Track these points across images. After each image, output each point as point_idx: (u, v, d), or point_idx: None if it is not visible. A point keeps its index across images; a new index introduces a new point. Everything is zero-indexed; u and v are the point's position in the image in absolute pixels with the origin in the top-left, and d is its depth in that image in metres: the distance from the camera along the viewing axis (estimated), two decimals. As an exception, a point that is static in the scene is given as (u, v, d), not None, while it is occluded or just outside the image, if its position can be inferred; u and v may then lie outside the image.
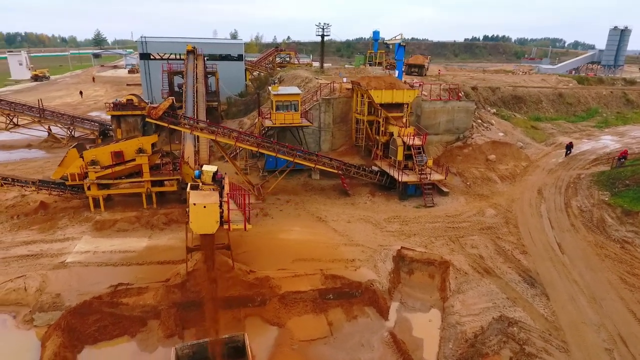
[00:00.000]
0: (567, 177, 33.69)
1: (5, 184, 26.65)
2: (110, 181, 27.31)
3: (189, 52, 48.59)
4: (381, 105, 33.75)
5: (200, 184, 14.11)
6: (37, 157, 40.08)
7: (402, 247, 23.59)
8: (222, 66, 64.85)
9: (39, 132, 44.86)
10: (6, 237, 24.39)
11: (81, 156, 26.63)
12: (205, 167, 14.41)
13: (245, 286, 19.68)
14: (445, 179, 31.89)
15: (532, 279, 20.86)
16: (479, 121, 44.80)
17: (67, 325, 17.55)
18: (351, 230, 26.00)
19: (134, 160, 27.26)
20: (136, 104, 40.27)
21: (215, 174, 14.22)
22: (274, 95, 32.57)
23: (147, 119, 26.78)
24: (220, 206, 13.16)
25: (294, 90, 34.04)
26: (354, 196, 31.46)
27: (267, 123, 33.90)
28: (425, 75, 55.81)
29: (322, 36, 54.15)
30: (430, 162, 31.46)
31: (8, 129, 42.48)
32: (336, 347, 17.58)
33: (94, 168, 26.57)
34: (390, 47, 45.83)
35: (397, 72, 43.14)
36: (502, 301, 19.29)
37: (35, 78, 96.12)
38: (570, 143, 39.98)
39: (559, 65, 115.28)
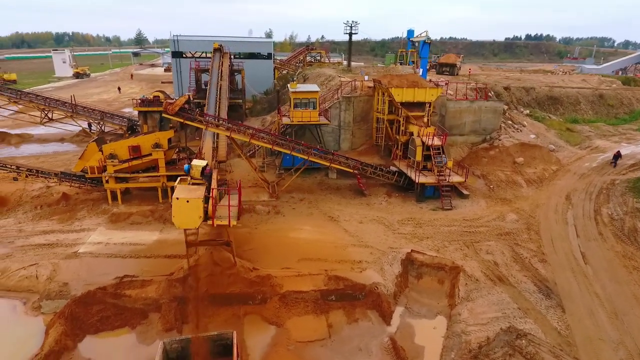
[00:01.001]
0: (600, 183, 31.63)
1: (29, 175, 27.77)
2: (128, 175, 27.92)
3: (215, 50, 49.18)
4: (402, 104, 32.87)
5: (189, 179, 14.06)
6: (68, 150, 41.68)
7: (412, 250, 22.78)
8: (251, 64, 65.63)
9: (72, 127, 46.67)
10: (27, 226, 25.40)
11: (100, 150, 27.35)
12: (194, 162, 14.31)
13: (246, 283, 19.52)
14: (466, 181, 30.63)
15: (549, 290, 19.59)
16: (510, 122, 42.95)
17: (71, 313, 17.96)
18: (362, 231, 25.40)
19: (150, 154, 27.76)
20: (162, 101, 41.22)
21: (204, 168, 14.09)
22: (292, 92, 32.36)
23: (163, 115, 27.15)
24: (207, 201, 13.02)
25: (312, 87, 33.72)
26: (369, 196, 30.78)
27: (285, 121, 33.76)
28: (457, 74, 54.16)
29: (350, 34, 53.66)
30: (450, 164, 30.30)
31: (42, 123, 44.43)
32: (333, 350, 17.11)
33: (112, 162, 27.24)
34: (416, 44, 44.60)
35: (421, 70, 41.92)
36: (512, 311, 18.20)
37: (77, 75, 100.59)
38: (618, 152, 35.67)
39: (604, 65, 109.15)
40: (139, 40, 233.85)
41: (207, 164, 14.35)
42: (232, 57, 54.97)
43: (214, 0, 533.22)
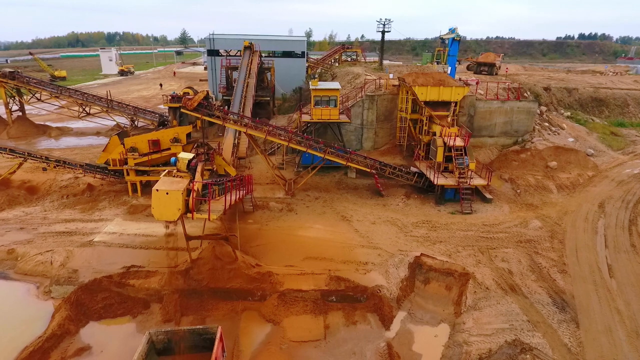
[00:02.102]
0: (640, 191, 29.33)
1: (57, 166, 29.08)
2: (147, 168, 28.66)
3: (245, 48, 49.89)
4: (426, 102, 31.84)
5: (175, 171, 14.12)
6: (101, 143, 43.27)
7: (421, 254, 21.93)
8: (284, 62, 66.12)
9: (108, 122, 48.67)
10: (52, 214, 26.62)
11: (122, 143, 28.23)
12: (181, 155, 14.36)
13: (246, 279, 19.47)
14: (489, 184, 29.22)
15: (564, 302, 18.26)
16: (546, 124, 40.76)
17: (77, 299, 18.56)
18: (373, 232, 24.77)
19: (169, 149, 28.37)
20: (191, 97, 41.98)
21: (190, 161, 14.12)
22: (313, 90, 32.10)
23: (182, 110, 27.66)
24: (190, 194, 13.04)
25: (333, 85, 33.32)
26: (387, 197, 30.03)
27: (305, 118, 33.56)
28: (496, 74, 51.93)
29: (383, 32, 52.68)
30: (472, 166, 28.99)
31: (80, 117, 46.59)
32: (326, 352, 16.70)
33: (133, 155, 28.05)
34: (446, 42, 43.13)
35: (449, 68, 40.49)
36: (521, 323, 17.09)
37: (122, 73, 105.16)
38: None
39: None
40: (183, 40, 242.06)
41: (194, 157, 14.39)
42: (262, 55, 55.53)
43: (257, 0, 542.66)
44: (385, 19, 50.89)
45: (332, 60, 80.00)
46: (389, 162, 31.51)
